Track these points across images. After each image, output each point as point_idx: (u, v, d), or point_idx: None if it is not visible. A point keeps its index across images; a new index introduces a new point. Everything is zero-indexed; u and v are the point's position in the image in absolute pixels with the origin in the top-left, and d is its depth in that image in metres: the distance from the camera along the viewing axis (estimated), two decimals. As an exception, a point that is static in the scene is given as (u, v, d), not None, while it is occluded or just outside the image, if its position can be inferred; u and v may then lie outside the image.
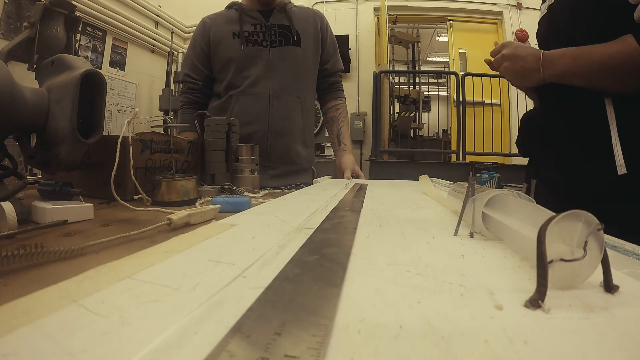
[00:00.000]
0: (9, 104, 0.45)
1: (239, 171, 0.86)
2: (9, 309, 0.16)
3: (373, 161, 2.65)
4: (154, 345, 0.13)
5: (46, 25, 0.70)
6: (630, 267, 0.24)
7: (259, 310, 0.16)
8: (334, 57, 1.27)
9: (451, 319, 0.16)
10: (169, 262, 0.23)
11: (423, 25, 4.22)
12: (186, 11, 3.94)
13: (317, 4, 3.65)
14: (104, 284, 0.19)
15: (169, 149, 0.75)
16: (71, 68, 0.53)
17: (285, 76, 1.12)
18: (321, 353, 0.12)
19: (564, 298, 0.18)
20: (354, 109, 3.50)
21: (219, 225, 0.36)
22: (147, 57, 3.54)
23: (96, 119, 0.56)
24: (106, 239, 0.35)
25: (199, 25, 1.19)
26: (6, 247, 0.29)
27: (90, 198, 0.58)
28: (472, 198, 0.32)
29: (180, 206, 0.62)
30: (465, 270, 0.22)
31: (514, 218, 0.26)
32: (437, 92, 4.23)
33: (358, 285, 0.19)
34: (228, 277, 0.20)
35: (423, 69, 5.19)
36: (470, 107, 2.94)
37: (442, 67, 5.69)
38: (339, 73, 1.32)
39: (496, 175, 2.13)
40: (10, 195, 0.44)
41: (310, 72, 1.21)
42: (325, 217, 0.39)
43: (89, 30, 2.88)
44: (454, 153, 2.78)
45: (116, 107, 3.14)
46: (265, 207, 0.48)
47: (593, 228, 0.19)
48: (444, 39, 4.21)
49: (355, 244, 0.28)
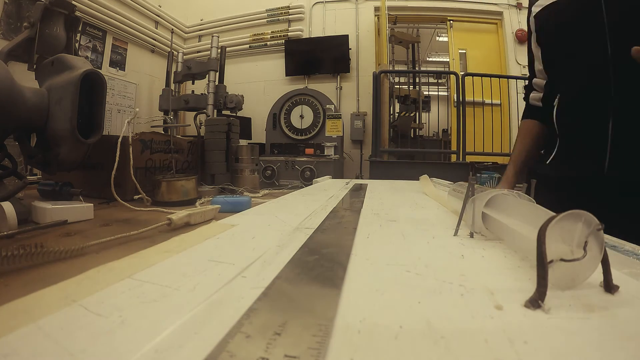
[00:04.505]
0: (9, 104, 0.45)
1: (239, 171, 0.86)
2: (9, 309, 0.16)
3: (373, 161, 2.65)
4: (154, 345, 0.13)
5: (46, 25, 0.70)
6: (630, 267, 0.24)
7: (259, 310, 0.16)
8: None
9: (451, 319, 0.16)
10: (169, 262, 0.23)
11: (423, 25, 4.22)
12: (186, 11, 3.93)
13: (317, 4, 3.65)
14: (104, 284, 0.19)
15: (169, 149, 0.75)
16: (71, 68, 0.53)
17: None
18: (321, 353, 0.12)
19: (564, 298, 0.18)
20: (354, 109, 3.50)
21: (219, 225, 0.36)
22: (147, 57, 3.53)
23: (96, 119, 0.56)
24: (106, 239, 0.35)
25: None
26: (6, 247, 0.29)
27: (90, 198, 0.58)
28: (472, 198, 0.32)
29: (180, 206, 0.62)
30: (465, 270, 0.22)
31: (514, 218, 0.26)
32: (437, 92, 4.23)
33: (358, 285, 0.19)
34: (228, 277, 0.20)
35: (423, 69, 5.18)
36: (470, 107, 2.94)
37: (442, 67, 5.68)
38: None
39: (496, 175, 2.13)
40: (10, 195, 0.44)
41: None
42: (325, 217, 0.39)
43: (89, 30, 2.88)
44: (454, 153, 2.77)
45: (116, 107, 3.14)
46: (265, 207, 0.48)
47: (593, 228, 0.19)
48: (444, 39, 4.21)
49: (355, 244, 0.28)
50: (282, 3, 3.69)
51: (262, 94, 3.66)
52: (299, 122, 2.99)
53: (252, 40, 3.76)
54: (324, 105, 2.95)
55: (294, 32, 3.63)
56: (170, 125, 0.75)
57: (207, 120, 0.89)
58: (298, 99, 3.03)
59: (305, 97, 3.02)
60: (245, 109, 2.31)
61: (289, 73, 3.63)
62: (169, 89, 2.33)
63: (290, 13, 3.66)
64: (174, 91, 2.31)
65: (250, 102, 2.90)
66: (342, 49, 3.47)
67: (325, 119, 2.93)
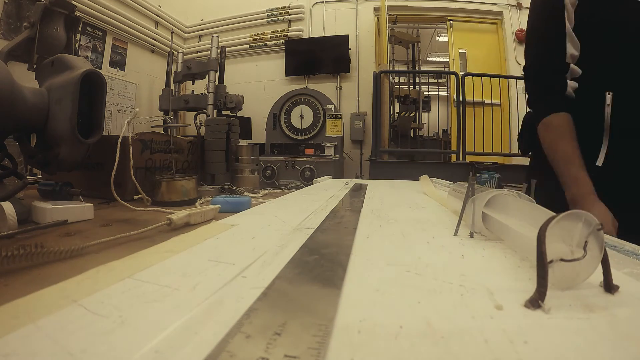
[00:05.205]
0: (9, 104, 0.45)
1: (239, 171, 0.86)
2: (9, 309, 0.16)
3: (373, 161, 2.65)
4: (154, 345, 0.13)
5: (46, 25, 0.70)
6: (630, 267, 0.24)
7: (258, 310, 0.16)
8: None
9: (451, 319, 0.16)
10: (169, 262, 0.23)
11: (423, 25, 4.22)
12: (186, 11, 3.93)
13: (317, 4, 3.65)
14: (104, 284, 0.19)
15: (169, 149, 0.75)
16: (71, 68, 0.53)
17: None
18: (321, 353, 0.12)
19: (564, 298, 0.18)
20: (354, 109, 3.50)
21: (219, 225, 0.36)
22: (147, 57, 3.53)
23: (96, 119, 0.56)
24: (106, 239, 0.35)
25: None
26: (6, 247, 0.29)
27: (90, 198, 0.58)
28: (472, 198, 0.32)
29: (180, 206, 0.62)
30: (465, 270, 0.22)
31: (514, 218, 0.26)
32: (437, 92, 4.23)
33: (358, 285, 0.19)
34: (228, 277, 0.20)
35: (423, 69, 5.18)
36: (470, 107, 2.94)
37: (442, 67, 5.68)
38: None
39: (496, 175, 2.13)
40: (10, 195, 0.44)
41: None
42: (325, 217, 0.39)
43: (89, 30, 2.88)
44: (454, 153, 2.77)
45: (116, 107, 3.14)
46: (265, 207, 0.48)
47: (593, 228, 0.19)
48: (444, 39, 4.21)
49: (355, 244, 0.28)
50: (282, 3, 3.69)
51: (262, 94, 3.66)
52: (299, 122, 2.99)
53: (252, 40, 3.76)
54: (324, 105, 2.95)
55: (294, 32, 3.63)
56: (170, 125, 0.75)
57: (207, 120, 0.89)
58: (298, 99, 3.03)
59: (305, 97, 3.02)
60: (245, 109, 2.31)
61: (289, 73, 3.63)
62: (169, 89, 2.33)
63: (290, 13, 3.66)
64: (174, 91, 2.31)
65: (250, 102, 2.89)
66: (342, 49, 3.47)
67: (325, 119, 2.93)
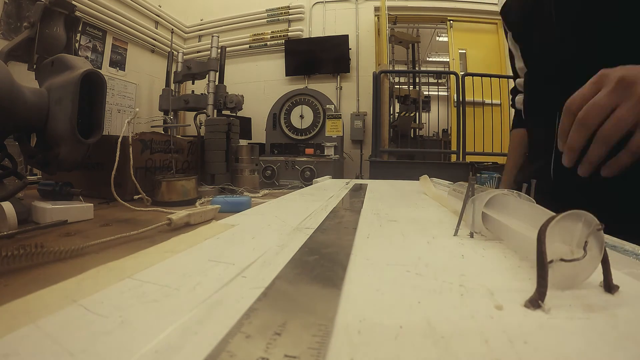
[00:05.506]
0: (9, 104, 0.45)
1: (239, 171, 0.86)
2: (9, 309, 0.16)
3: (373, 161, 2.65)
4: (154, 345, 0.13)
5: (46, 25, 0.70)
6: (630, 267, 0.24)
7: (258, 310, 0.16)
8: None
9: (451, 319, 0.16)
10: (169, 262, 0.23)
11: (423, 25, 4.22)
12: (186, 11, 3.94)
13: (317, 4, 3.65)
14: (104, 284, 0.19)
15: (169, 149, 0.75)
16: (71, 68, 0.53)
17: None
18: (321, 353, 0.12)
19: (564, 298, 0.18)
20: (354, 109, 3.50)
21: (219, 225, 0.36)
22: (147, 57, 3.53)
23: (96, 119, 0.56)
24: (106, 239, 0.35)
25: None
26: (6, 247, 0.29)
27: (90, 198, 0.58)
28: (472, 198, 0.32)
29: (180, 206, 0.62)
30: (465, 270, 0.22)
31: (514, 218, 0.26)
32: (437, 92, 4.23)
33: (358, 285, 0.19)
34: (228, 277, 0.20)
35: (423, 69, 5.19)
36: (470, 107, 2.94)
37: (442, 67, 5.68)
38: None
39: (496, 175, 2.13)
40: (10, 195, 0.44)
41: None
42: (325, 217, 0.39)
43: (89, 30, 2.88)
44: (454, 153, 2.78)
45: (116, 107, 3.14)
46: (265, 207, 0.48)
47: (593, 228, 0.18)
48: (444, 39, 4.21)
49: (355, 244, 0.28)
50: (282, 3, 3.69)
51: (262, 94, 3.66)
52: (299, 122, 2.99)
53: (252, 40, 3.76)
54: (324, 105, 2.95)
55: (294, 32, 3.63)
56: (170, 125, 0.75)
57: (207, 120, 0.89)
58: (298, 99, 3.03)
59: (305, 97, 3.02)
60: (245, 109, 2.31)
61: (289, 73, 3.63)
62: (169, 89, 2.33)
63: (290, 13, 3.66)
64: (174, 91, 2.31)
65: (250, 102, 2.90)
66: (342, 49, 3.47)
67: (325, 119, 2.93)
